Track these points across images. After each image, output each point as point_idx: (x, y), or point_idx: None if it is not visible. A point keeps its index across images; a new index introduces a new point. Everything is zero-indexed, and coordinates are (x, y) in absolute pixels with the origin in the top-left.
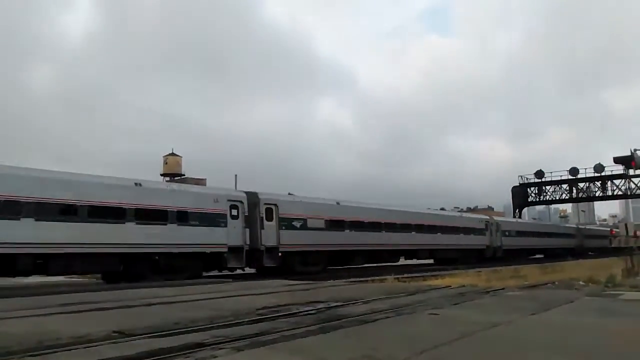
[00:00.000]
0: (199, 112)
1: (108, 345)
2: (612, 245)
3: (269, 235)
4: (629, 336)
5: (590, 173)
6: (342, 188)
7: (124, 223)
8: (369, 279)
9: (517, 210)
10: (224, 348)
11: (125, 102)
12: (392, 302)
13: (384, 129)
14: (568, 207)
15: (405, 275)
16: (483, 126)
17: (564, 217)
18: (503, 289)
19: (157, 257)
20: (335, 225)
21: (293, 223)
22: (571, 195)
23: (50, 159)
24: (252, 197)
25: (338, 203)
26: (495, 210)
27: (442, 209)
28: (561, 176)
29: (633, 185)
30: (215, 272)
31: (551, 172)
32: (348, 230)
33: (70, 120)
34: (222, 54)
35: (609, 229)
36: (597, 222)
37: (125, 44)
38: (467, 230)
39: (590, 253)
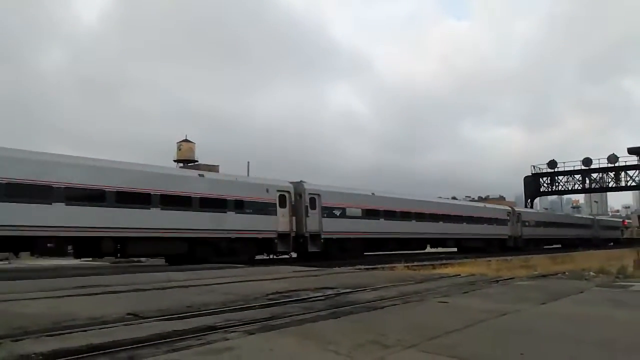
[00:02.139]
0: (213, 97)
1: (122, 327)
2: (624, 236)
3: (517, 230)
4: (638, 326)
5: (604, 163)
6: (354, 176)
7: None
8: (379, 266)
9: (528, 200)
10: (235, 331)
11: (138, 86)
12: (400, 289)
13: (399, 116)
14: (580, 198)
15: (415, 263)
16: (499, 113)
17: (577, 207)
18: (512, 278)
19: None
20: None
21: (526, 223)
22: (584, 186)
23: (64, 142)
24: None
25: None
26: (507, 200)
27: (454, 197)
28: (574, 166)
29: None
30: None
31: (564, 162)
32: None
33: (83, 102)
34: (237, 37)
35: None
36: (610, 213)
37: (139, 27)
38: (580, 226)
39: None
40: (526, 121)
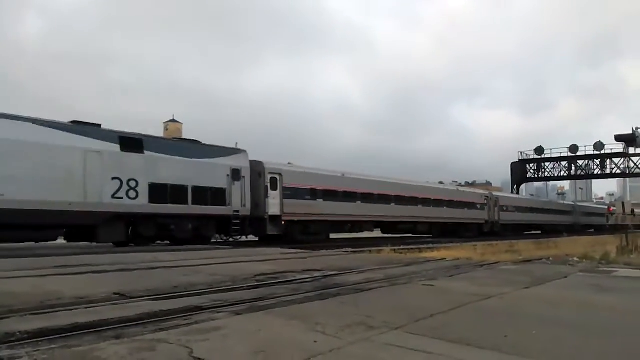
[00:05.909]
0: (202, 73)
1: (108, 306)
2: (609, 223)
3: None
4: (619, 311)
5: (591, 151)
6: (343, 158)
7: None
8: (366, 249)
9: (515, 186)
10: (222, 312)
11: (123, 60)
12: (387, 272)
13: (391, 97)
14: (566, 185)
15: (402, 247)
16: (492, 97)
17: (562, 194)
18: (497, 262)
19: None
20: None
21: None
22: (570, 173)
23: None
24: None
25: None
26: (493, 185)
27: (441, 182)
28: (561, 153)
29: (632, 164)
30: None
31: (551, 149)
32: None
33: (66, 77)
34: (228, 10)
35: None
36: (594, 200)
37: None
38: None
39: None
40: (519, 106)
